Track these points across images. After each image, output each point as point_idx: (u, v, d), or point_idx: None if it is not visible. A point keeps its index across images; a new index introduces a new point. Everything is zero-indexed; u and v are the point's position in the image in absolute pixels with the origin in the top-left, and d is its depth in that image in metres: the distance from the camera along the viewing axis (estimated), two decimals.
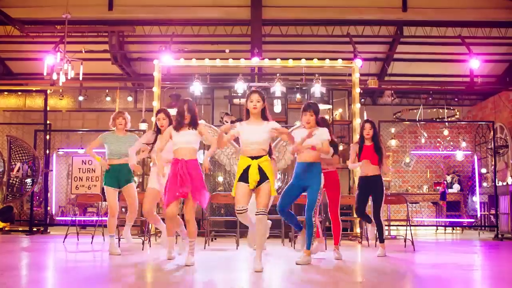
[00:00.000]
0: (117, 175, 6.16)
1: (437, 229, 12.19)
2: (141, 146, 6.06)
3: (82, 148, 11.69)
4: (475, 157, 12.07)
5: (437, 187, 12.55)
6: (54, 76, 9.16)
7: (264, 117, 4.97)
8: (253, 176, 4.78)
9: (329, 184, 5.85)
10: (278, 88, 9.38)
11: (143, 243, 6.94)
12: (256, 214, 4.77)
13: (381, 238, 6.36)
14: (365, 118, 10.56)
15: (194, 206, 5.09)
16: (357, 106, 9.14)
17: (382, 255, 6.14)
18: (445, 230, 12.10)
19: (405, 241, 7.41)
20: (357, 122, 9.17)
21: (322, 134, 5.34)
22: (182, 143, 5.07)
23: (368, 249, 7.13)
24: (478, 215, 11.44)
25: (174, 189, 4.98)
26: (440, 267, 5.31)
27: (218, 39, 11.82)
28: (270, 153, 5.18)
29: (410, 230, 7.21)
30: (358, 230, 9.03)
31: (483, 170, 12.40)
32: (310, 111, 5.37)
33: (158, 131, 5.94)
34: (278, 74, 9.59)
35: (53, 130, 11.08)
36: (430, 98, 12.26)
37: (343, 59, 9.67)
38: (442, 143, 13.16)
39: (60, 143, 13.15)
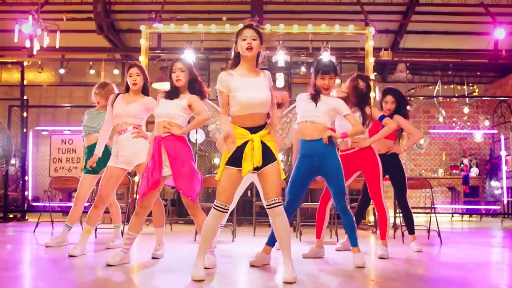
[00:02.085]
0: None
1: (452, 216, 11.22)
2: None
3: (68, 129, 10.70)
4: (502, 137, 11.01)
5: (454, 171, 11.54)
6: (27, 44, 8.11)
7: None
8: (255, 158, 3.32)
9: (365, 163, 4.76)
10: (281, 57, 8.26)
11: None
12: (269, 208, 3.44)
13: (411, 229, 5.37)
14: (377, 94, 9.52)
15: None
16: (371, 77, 8.05)
17: (419, 250, 5.15)
18: (462, 217, 11.11)
19: (428, 231, 6.39)
20: (371, 96, 8.09)
21: (338, 107, 4.21)
22: (164, 115, 4.01)
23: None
24: (505, 201, 10.38)
25: (148, 176, 3.87)
26: (490, 267, 4.30)
27: (214, 7, 10.70)
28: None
29: (436, 219, 6.18)
30: (371, 218, 8.02)
31: (503, 153, 11.38)
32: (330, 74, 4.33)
33: (128, 90, 4.66)
34: (280, 41, 8.47)
35: (30, 106, 9.98)
36: (450, 72, 11.17)
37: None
38: (459, 123, 12.10)
39: (45, 122, 12.14)
